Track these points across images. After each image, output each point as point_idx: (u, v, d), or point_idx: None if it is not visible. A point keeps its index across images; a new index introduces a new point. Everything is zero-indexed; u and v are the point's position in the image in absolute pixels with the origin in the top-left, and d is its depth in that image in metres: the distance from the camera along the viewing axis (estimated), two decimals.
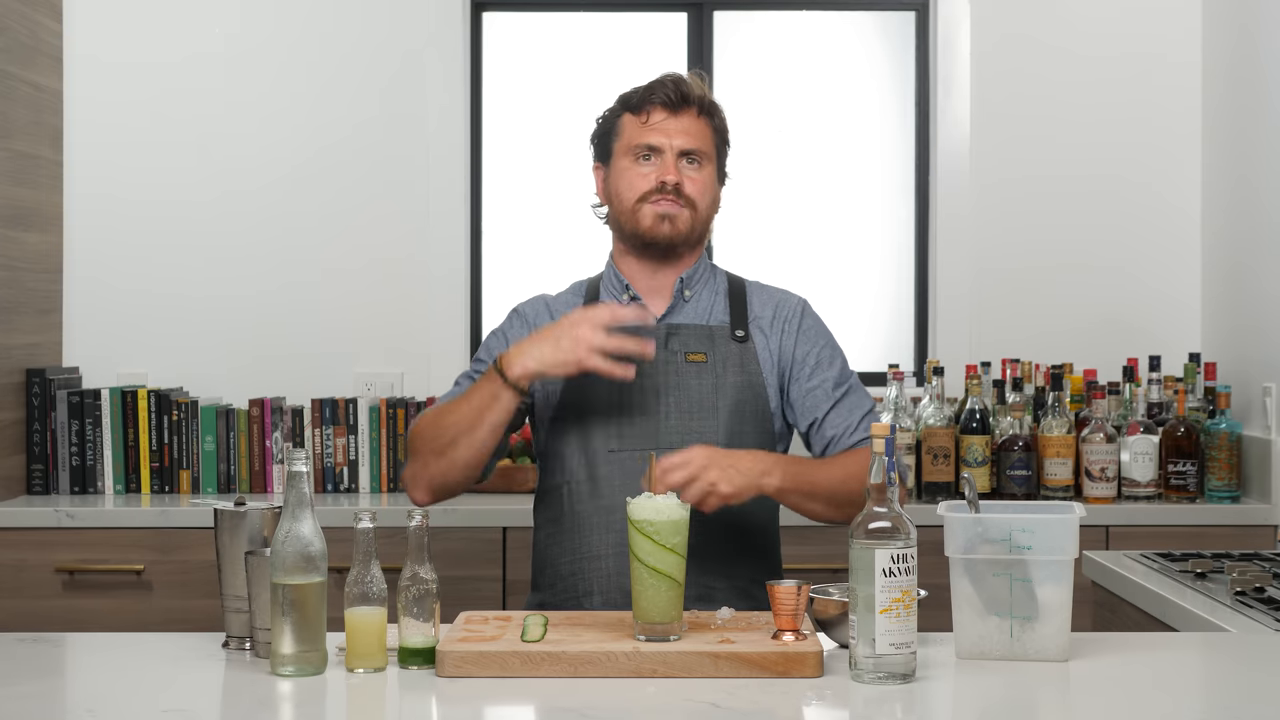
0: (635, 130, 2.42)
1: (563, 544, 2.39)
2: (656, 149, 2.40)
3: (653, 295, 2.45)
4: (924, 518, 2.29)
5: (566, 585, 2.37)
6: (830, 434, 2.40)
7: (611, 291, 2.47)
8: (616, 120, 2.46)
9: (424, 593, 1.90)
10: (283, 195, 4.05)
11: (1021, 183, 4.08)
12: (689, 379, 2.38)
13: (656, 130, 2.40)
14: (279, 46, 4.06)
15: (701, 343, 2.40)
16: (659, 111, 2.40)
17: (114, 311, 4.02)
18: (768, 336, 2.44)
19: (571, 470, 2.38)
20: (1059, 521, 1.94)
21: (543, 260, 4.17)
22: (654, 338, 2.30)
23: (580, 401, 2.37)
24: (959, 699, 1.85)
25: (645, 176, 2.40)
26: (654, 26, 4.23)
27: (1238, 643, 2.14)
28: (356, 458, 3.82)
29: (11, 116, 3.69)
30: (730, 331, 2.42)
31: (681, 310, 2.44)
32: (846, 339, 2.66)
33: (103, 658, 2.08)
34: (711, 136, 2.44)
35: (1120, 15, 4.08)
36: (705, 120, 2.43)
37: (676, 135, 2.40)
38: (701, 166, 2.41)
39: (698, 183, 2.40)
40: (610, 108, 2.49)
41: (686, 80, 2.43)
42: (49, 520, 3.49)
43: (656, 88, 2.41)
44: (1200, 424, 3.66)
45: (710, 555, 2.32)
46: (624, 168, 2.42)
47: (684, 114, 2.41)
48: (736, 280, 2.51)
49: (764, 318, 2.46)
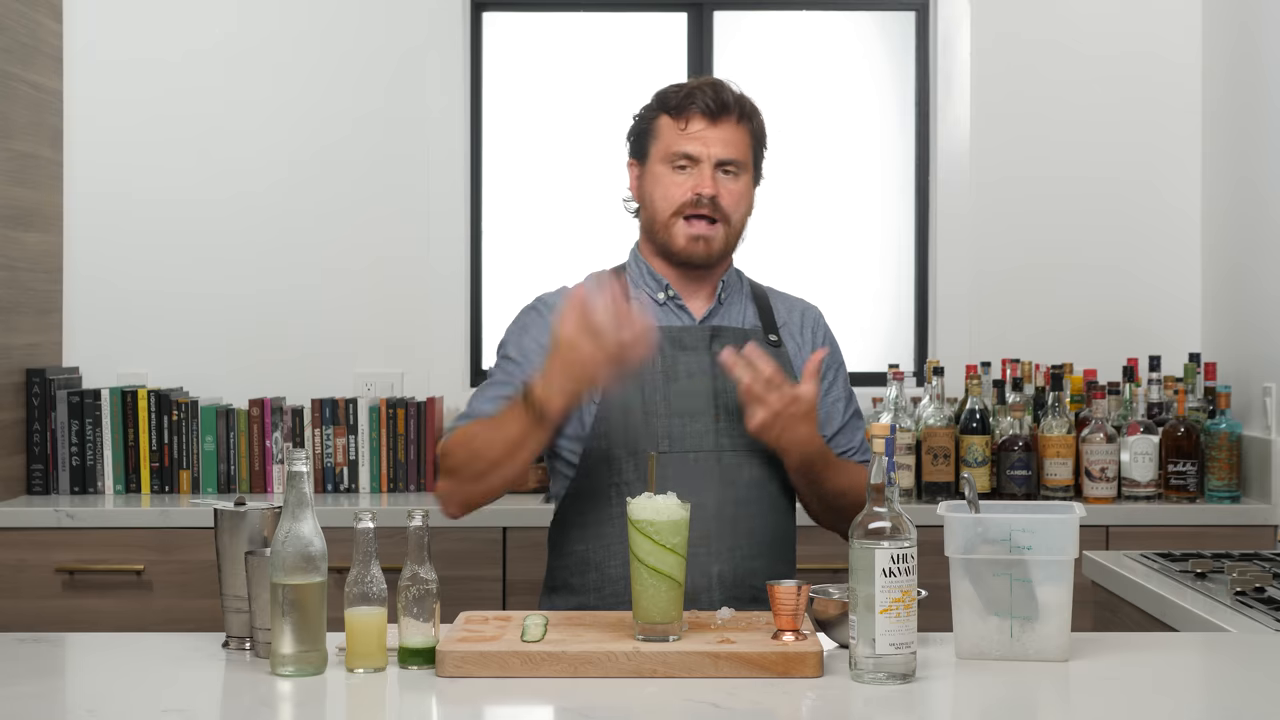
0: (673, 136, 2.37)
1: (611, 547, 2.34)
2: (694, 158, 2.36)
3: (691, 297, 2.43)
4: (924, 518, 2.29)
5: (616, 589, 2.32)
6: (838, 451, 2.44)
7: (645, 288, 2.43)
8: (654, 120, 2.41)
9: (424, 593, 1.90)
10: (283, 195, 4.05)
11: (1021, 183, 4.08)
12: (733, 382, 2.36)
13: (694, 139, 2.36)
14: (279, 46, 4.06)
15: (740, 346, 2.39)
16: (698, 120, 2.36)
17: (114, 311, 4.02)
18: (798, 343, 2.45)
19: (622, 472, 2.33)
20: (1059, 521, 1.94)
21: (543, 260, 4.17)
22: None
23: (626, 404, 2.34)
24: (959, 699, 1.85)
25: (681, 186, 2.36)
26: (654, 26, 4.23)
27: (1238, 643, 2.13)
28: (356, 458, 3.82)
29: (11, 116, 3.69)
30: (765, 336, 2.43)
31: (720, 313, 2.43)
32: (847, 339, 2.66)
33: (103, 658, 2.08)
34: (750, 143, 2.40)
35: (1120, 15, 4.08)
36: (744, 127, 2.39)
37: (715, 144, 2.35)
38: (738, 176, 2.38)
39: (734, 193, 2.38)
40: (648, 105, 2.44)
41: (725, 86, 2.38)
42: (49, 520, 3.49)
43: (696, 94, 2.36)
44: (1200, 424, 3.66)
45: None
46: (659, 174, 2.38)
47: (723, 123, 2.36)
48: (758, 286, 2.51)
49: (791, 324, 2.47)
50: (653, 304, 2.41)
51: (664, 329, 2.37)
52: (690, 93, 2.37)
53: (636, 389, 2.33)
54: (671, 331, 2.38)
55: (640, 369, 2.30)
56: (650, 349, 2.17)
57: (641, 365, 2.26)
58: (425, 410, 3.84)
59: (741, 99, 2.40)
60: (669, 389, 2.34)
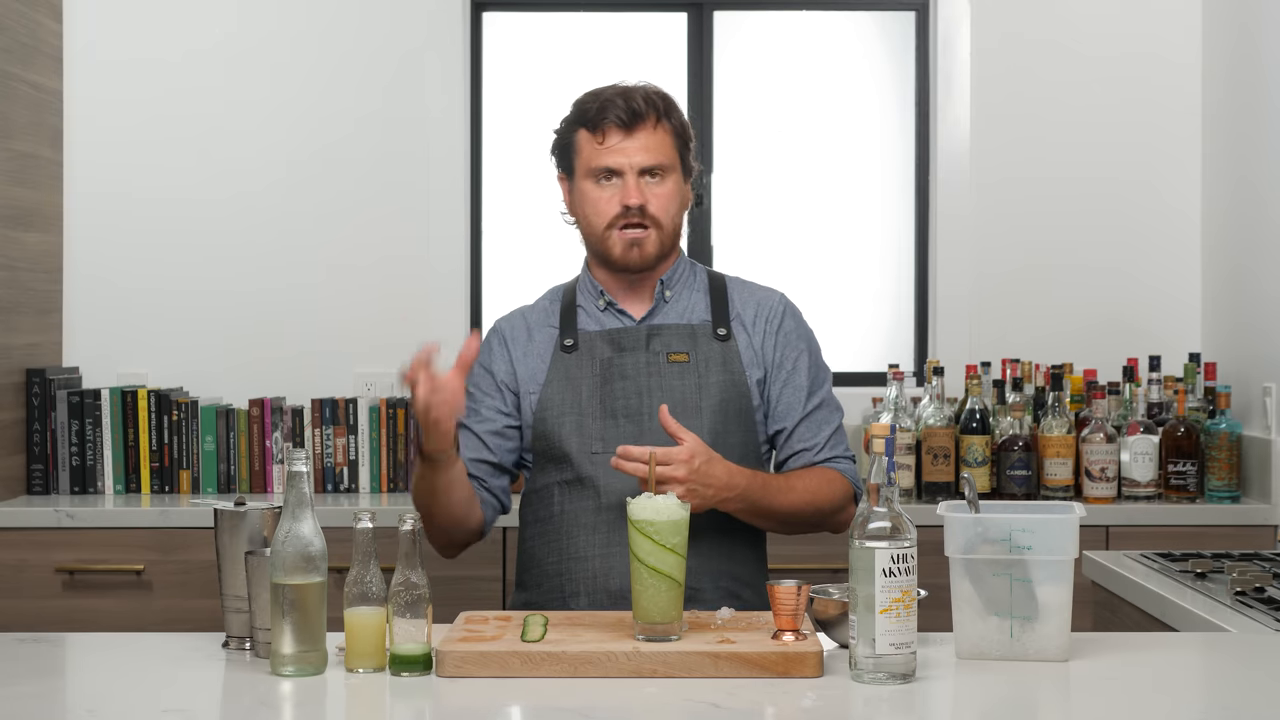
0: (592, 150, 2.40)
1: (549, 544, 2.40)
2: (616, 170, 2.38)
3: (631, 300, 2.46)
4: (924, 518, 2.29)
5: (553, 585, 2.38)
6: (797, 448, 2.44)
7: (589, 297, 2.48)
8: (573, 135, 2.44)
9: (416, 598, 1.89)
10: (283, 195, 4.05)
11: (1021, 183, 4.08)
12: (672, 379, 2.38)
13: (614, 151, 2.38)
14: (279, 46, 4.06)
15: (684, 342, 2.41)
16: (614, 132, 2.38)
17: (114, 311, 4.02)
18: (750, 335, 2.45)
19: (561, 471, 2.39)
20: (1059, 521, 1.94)
21: (543, 260, 4.17)
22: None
23: (563, 404, 2.39)
24: (959, 699, 1.85)
25: (609, 200, 2.39)
26: (654, 26, 4.23)
27: (1238, 643, 2.13)
28: (356, 458, 3.82)
29: (11, 116, 3.69)
30: (712, 330, 2.43)
31: (662, 311, 2.45)
32: (847, 339, 2.67)
33: (103, 658, 2.08)
34: (672, 143, 2.41)
35: (1120, 15, 4.08)
36: (663, 127, 2.40)
37: (635, 153, 2.37)
38: (664, 179, 2.39)
39: (661, 198, 2.39)
40: (566, 118, 2.47)
41: (635, 92, 2.39)
42: (49, 520, 3.49)
43: (608, 107, 2.38)
44: (1200, 424, 3.66)
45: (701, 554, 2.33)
46: (586, 190, 2.41)
47: (639, 130, 2.38)
48: (717, 277, 2.51)
49: (746, 315, 2.46)
50: (595, 311, 2.45)
51: (603, 333, 2.42)
52: (602, 106, 2.39)
53: (572, 392, 2.39)
54: (610, 334, 2.42)
55: (579, 372, 2.39)
56: (447, 390, 2.21)
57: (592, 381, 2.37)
58: None
59: (653, 99, 2.40)
60: (605, 390, 2.38)
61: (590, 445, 2.36)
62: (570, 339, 2.43)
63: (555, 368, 2.42)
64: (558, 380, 2.40)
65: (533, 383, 2.43)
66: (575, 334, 2.44)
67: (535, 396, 2.42)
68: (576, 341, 2.43)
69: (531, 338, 2.47)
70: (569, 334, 2.44)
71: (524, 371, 2.44)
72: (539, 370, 2.43)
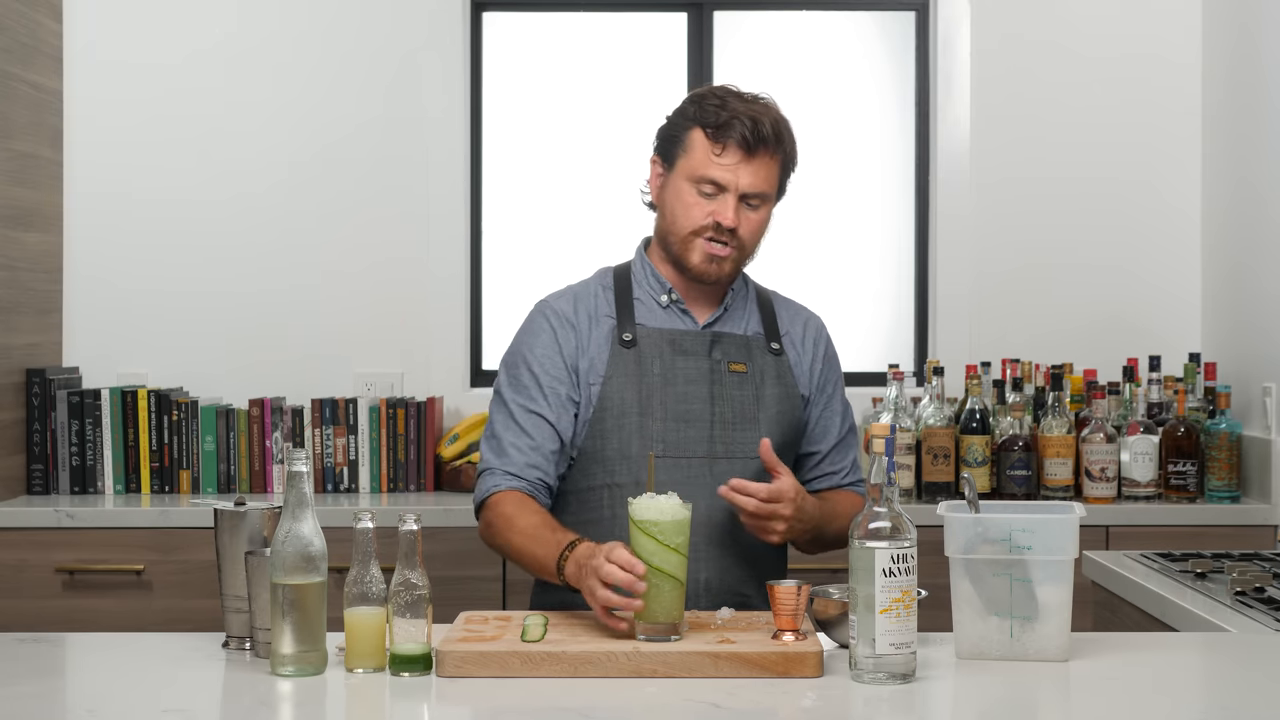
0: (704, 158, 2.33)
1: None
2: (721, 186, 2.33)
3: (695, 302, 2.42)
4: (924, 518, 2.29)
5: None
6: (827, 470, 2.47)
7: (649, 290, 2.42)
8: (688, 131, 2.36)
9: (416, 599, 1.89)
10: (283, 195, 4.05)
11: (1021, 183, 4.08)
12: (731, 389, 2.36)
13: (727, 169, 2.32)
14: (279, 47, 4.06)
15: (741, 353, 2.39)
16: (733, 150, 2.32)
17: (114, 311, 4.02)
18: (800, 353, 2.45)
19: (614, 473, 2.34)
20: (1059, 521, 1.94)
21: (543, 260, 4.17)
22: None
23: (624, 403, 2.34)
24: (959, 699, 1.85)
25: (703, 209, 2.33)
26: (654, 26, 4.23)
27: (1238, 643, 2.14)
28: (356, 458, 3.82)
29: (11, 116, 3.69)
30: (766, 343, 2.43)
31: (723, 319, 2.43)
32: (847, 339, 2.67)
33: (103, 658, 2.08)
34: (778, 173, 2.38)
35: (1120, 16, 4.08)
36: (777, 157, 2.36)
37: (744, 177, 2.32)
38: (761, 206, 2.36)
39: (753, 223, 2.36)
40: (683, 110, 2.39)
41: (764, 118, 2.34)
42: (49, 520, 3.49)
43: (735, 124, 2.32)
44: (1200, 424, 3.66)
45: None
46: (683, 190, 2.35)
47: (758, 157, 2.33)
48: (764, 291, 2.51)
49: (794, 333, 2.47)
50: (655, 306, 2.41)
51: (664, 332, 2.38)
52: (730, 121, 2.32)
53: (635, 391, 2.34)
54: (672, 335, 2.38)
55: (639, 369, 2.34)
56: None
57: (642, 366, 2.32)
58: (425, 410, 3.84)
59: (778, 129, 2.36)
60: (666, 393, 2.35)
61: (652, 448, 2.31)
62: (629, 333, 2.37)
63: (615, 363, 2.35)
64: (618, 377, 2.34)
65: (592, 374, 2.36)
66: (634, 328, 2.38)
67: (596, 389, 2.35)
68: (635, 337, 2.37)
69: (590, 324, 2.39)
70: (627, 328, 2.37)
71: (584, 362, 2.37)
72: (598, 362, 2.36)
